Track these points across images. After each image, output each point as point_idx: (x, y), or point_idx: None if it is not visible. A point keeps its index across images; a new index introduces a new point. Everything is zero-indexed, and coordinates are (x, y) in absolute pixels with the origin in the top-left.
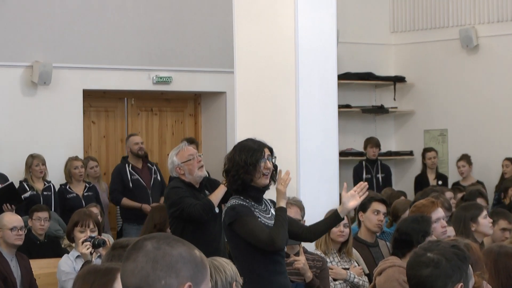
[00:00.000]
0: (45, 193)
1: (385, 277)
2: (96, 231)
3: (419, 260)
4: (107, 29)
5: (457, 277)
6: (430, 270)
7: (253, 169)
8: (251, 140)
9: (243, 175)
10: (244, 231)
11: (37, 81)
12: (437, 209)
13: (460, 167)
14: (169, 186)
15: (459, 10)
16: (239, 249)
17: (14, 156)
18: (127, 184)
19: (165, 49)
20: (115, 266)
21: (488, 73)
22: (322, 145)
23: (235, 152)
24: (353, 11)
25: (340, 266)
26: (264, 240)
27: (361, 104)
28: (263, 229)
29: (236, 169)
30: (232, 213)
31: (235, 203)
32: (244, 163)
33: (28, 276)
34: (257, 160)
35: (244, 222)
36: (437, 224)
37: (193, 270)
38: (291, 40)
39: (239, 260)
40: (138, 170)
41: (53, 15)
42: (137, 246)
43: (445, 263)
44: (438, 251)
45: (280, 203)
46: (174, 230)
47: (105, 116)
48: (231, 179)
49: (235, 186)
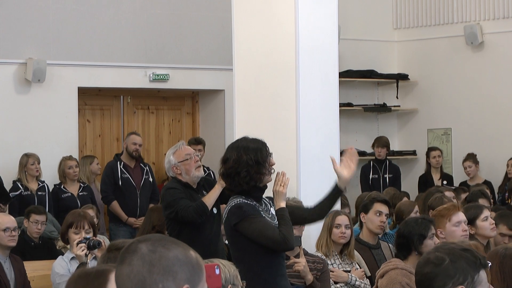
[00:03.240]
0: (39, 193)
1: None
2: (91, 232)
3: (427, 258)
4: (102, 25)
5: (459, 280)
6: (431, 267)
7: (262, 167)
8: (246, 139)
9: (254, 175)
10: (252, 231)
11: (30, 79)
12: (457, 213)
13: (467, 167)
14: (165, 187)
15: (463, 6)
16: (242, 251)
17: (7, 155)
18: (117, 182)
19: (162, 45)
20: (106, 268)
21: (493, 71)
22: (323, 144)
23: (240, 153)
24: (355, 7)
25: (342, 269)
26: (277, 239)
27: (363, 103)
28: (274, 228)
29: (246, 169)
30: (239, 212)
31: (240, 202)
32: (254, 162)
33: (21, 279)
34: (266, 158)
35: (252, 222)
36: (457, 227)
37: (190, 272)
38: (291, 37)
39: (241, 262)
40: (130, 169)
41: (47, 11)
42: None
43: (448, 262)
44: (445, 250)
45: (281, 204)
46: (170, 232)
47: (101, 114)
48: (241, 181)
49: (246, 187)
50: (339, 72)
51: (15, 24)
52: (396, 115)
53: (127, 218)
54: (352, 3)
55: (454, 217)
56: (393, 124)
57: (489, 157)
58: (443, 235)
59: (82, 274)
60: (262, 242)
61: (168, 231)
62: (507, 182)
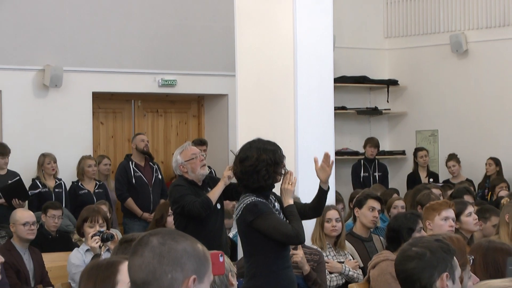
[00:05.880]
0: (56, 190)
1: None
2: (105, 226)
3: (406, 255)
4: (115, 35)
5: (442, 268)
6: (415, 263)
7: (278, 167)
8: (261, 140)
9: (272, 174)
10: (267, 227)
11: (48, 84)
12: (448, 209)
13: (451, 166)
14: (173, 184)
15: (449, 16)
16: (255, 245)
17: (27, 155)
18: (130, 180)
19: (170, 53)
20: (116, 259)
21: (477, 77)
22: (319, 145)
23: (259, 152)
24: (349, 17)
25: (336, 260)
26: (290, 234)
27: (356, 106)
28: (286, 224)
29: (265, 168)
30: (255, 209)
31: (255, 200)
32: (272, 161)
33: (40, 269)
34: (282, 159)
35: (267, 218)
36: (445, 222)
37: (197, 263)
38: (290, 45)
39: (252, 256)
40: (141, 167)
41: (64, 22)
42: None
43: (430, 255)
44: (422, 244)
45: (289, 201)
46: (178, 225)
47: (113, 117)
48: (260, 178)
49: (263, 184)
50: (334, 78)
51: (34, 34)
52: (386, 118)
53: (142, 213)
54: (346, 14)
55: (444, 212)
56: (384, 126)
57: (472, 157)
58: (430, 226)
59: (94, 265)
60: (276, 237)
61: (175, 225)
62: (486, 179)
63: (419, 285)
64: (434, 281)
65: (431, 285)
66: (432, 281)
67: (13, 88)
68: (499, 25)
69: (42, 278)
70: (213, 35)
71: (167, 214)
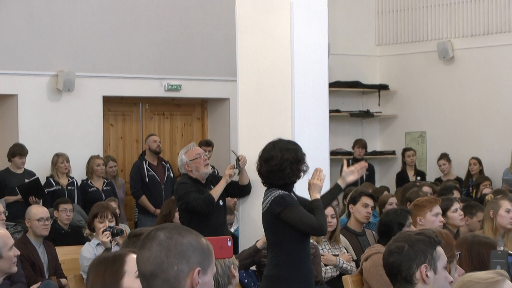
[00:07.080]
0: (69, 187)
1: (370, 262)
2: (114, 221)
3: (388, 249)
4: (124, 42)
5: (420, 260)
6: (395, 256)
7: (301, 165)
8: (283, 140)
9: (296, 171)
10: (294, 218)
11: (61, 88)
12: (436, 206)
13: (441, 165)
14: (178, 182)
15: (437, 25)
16: (281, 236)
17: (42, 155)
18: (144, 178)
19: (175, 59)
20: (122, 252)
21: (462, 82)
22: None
23: (283, 152)
24: (343, 26)
25: (331, 253)
26: (314, 226)
27: (349, 109)
28: (311, 216)
29: (290, 166)
30: (283, 202)
31: (282, 193)
32: (295, 159)
33: (54, 262)
34: (303, 157)
35: (294, 210)
36: (436, 218)
37: (201, 256)
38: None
39: (277, 246)
40: (154, 167)
41: (76, 30)
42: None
43: (408, 248)
44: (402, 239)
45: (316, 195)
46: (182, 221)
47: (122, 119)
48: (285, 176)
49: (288, 181)
50: (329, 83)
51: (49, 41)
52: (378, 120)
53: (154, 210)
54: (340, 23)
55: (435, 208)
56: (375, 128)
57: (457, 157)
58: (422, 222)
59: (101, 259)
60: (301, 228)
61: (180, 220)
62: (470, 177)
63: (400, 277)
64: (414, 273)
65: (411, 276)
66: (411, 272)
67: (28, 92)
68: (483, 33)
69: (56, 270)
70: (216, 42)
71: (175, 210)
